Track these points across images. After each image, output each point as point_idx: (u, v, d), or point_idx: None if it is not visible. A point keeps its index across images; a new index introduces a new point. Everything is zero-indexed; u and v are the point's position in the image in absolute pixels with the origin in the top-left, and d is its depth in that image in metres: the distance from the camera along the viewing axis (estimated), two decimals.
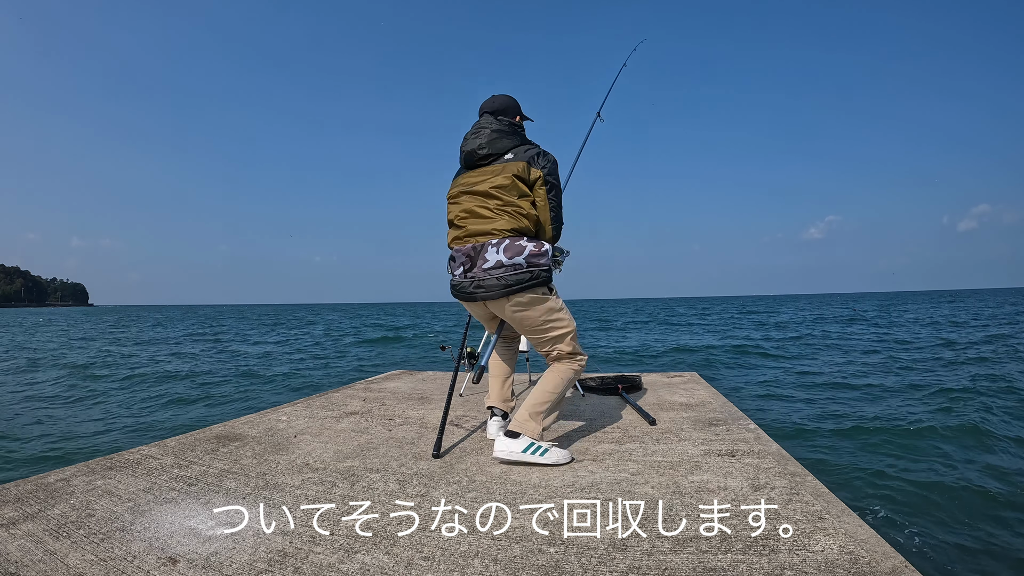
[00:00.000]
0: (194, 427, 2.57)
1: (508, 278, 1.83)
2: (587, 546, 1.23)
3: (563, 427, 2.34)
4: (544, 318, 1.92)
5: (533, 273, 1.84)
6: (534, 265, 1.84)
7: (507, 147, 1.93)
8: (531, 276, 1.84)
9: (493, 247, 1.84)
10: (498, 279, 1.83)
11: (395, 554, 1.22)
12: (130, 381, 9.12)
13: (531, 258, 1.83)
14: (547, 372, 1.99)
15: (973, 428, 4.68)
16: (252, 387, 8.51)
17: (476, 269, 1.87)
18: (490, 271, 1.84)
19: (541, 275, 1.85)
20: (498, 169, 1.89)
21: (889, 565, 1.10)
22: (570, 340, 1.98)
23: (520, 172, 1.87)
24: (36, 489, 1.65)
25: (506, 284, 1.83)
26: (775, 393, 6.90)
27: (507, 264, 1.83)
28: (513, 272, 1.83)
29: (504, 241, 1.83)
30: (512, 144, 1.93)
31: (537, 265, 1.85)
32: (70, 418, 6.33)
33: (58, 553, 1.22)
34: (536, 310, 1.90)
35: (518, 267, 1.83)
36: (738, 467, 1.75)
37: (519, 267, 1.83)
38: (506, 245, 1.83)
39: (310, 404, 2.99)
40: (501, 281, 1.83)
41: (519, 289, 1.84)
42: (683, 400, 2.85)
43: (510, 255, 1.82)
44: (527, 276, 1.83)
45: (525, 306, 1.88)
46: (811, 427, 5.01)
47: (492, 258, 1.83)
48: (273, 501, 1.54)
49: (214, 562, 1.18)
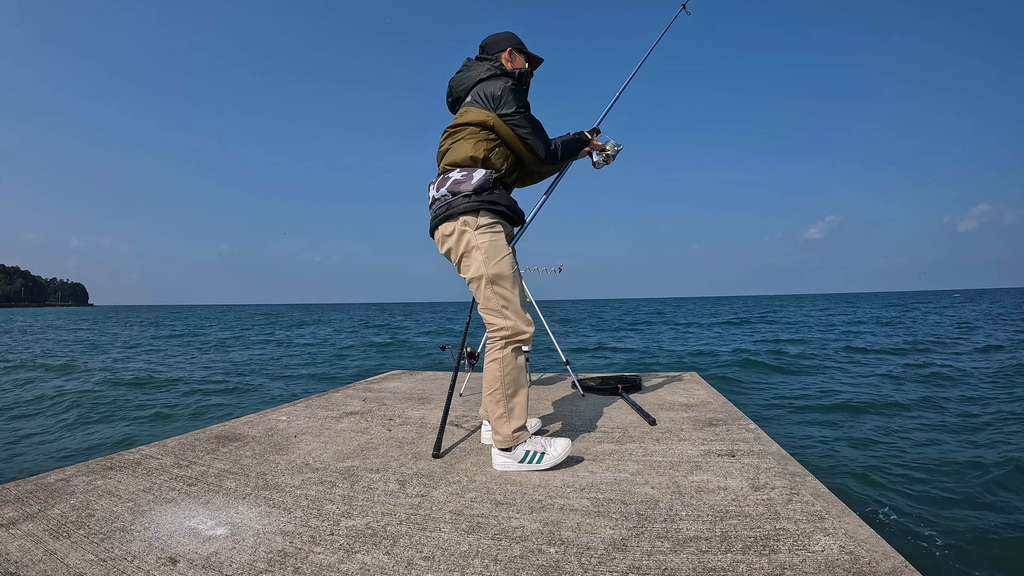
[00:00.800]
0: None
1: (436, 212, 1.85)
2: (587, 546, 1.23)
3: (563, 427, 2.34)
4: (459, 253, 1.81)
5: (454, 202, 1.78)
6: (456, 192, 1.79)
7: (469, 87, 1.92)
8: (450, 206, 1.79)
9: (432, 185, 1.88)
10: (433, 216, 1.86)
11: (395, 554, 1.22)
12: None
13: (453, 186, 1.79)
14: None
15: (975, 428, 4.68)
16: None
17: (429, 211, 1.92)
18: (431, 207, 1.89)
19: (460, 203, 1.77)
20: (459, 117, 1.89)
21: (889, 565, 1.10)
22: (487, 289, 1.76)
23: (475, 118, 1.83)
24: (36, 489, 1.65)
25: (434, 218, 1.85)
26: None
27: (437, 198, 1.84)
28: (440, 205, 1.83)
29: (439, 178, 1.86)
30: (475, 81, 1.91)
31: (458, 192, 1.78)
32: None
33: (58, 553, 1.22)
34: (457, 245, 1.80)
35: (444, 199, 1.82)
36: (738, 467, 1.75)
37: (445, 198, 1.81)
38: (439, 181, 1.84)
39: (310, 404, 2.99)
40: (435, 216, 1.85)
41: (440, 220, 1.82)
42: (683, 400, 2.85)
43: (439, 188, 1.83)
44: (445, 208, 1.80)
45: (446, 240, 1.83)
46: (813, 426, 5.01)
47: (431, 196, 1.88)
48: (273, 501, 1.54)
49: (214, 562, 1.18)
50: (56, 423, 5.84)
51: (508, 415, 1.77)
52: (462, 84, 1.96)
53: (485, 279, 1.76)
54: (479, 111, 1.83)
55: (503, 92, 1.82)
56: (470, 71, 1.96)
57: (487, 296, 1.78)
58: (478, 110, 1.83)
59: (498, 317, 1.78)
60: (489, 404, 1.81)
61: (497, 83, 1.84)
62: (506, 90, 1.82)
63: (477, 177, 1.78)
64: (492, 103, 1.82)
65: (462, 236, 1.79)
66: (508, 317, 1.78)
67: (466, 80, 1.95)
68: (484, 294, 1.78)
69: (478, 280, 1.78)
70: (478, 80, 1.91)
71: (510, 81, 1.87)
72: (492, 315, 1.79)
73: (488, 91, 1.83)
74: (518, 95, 1.84)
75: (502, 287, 1.78)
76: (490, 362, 1.81)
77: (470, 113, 1.85)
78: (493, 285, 1.77)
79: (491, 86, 1.84)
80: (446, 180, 1.81)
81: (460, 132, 1.86)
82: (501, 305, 1.78)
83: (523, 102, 1.86)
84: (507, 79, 1.87)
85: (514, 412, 1.78)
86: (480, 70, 1.93)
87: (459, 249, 1.81)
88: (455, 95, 1.99)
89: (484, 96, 1.83)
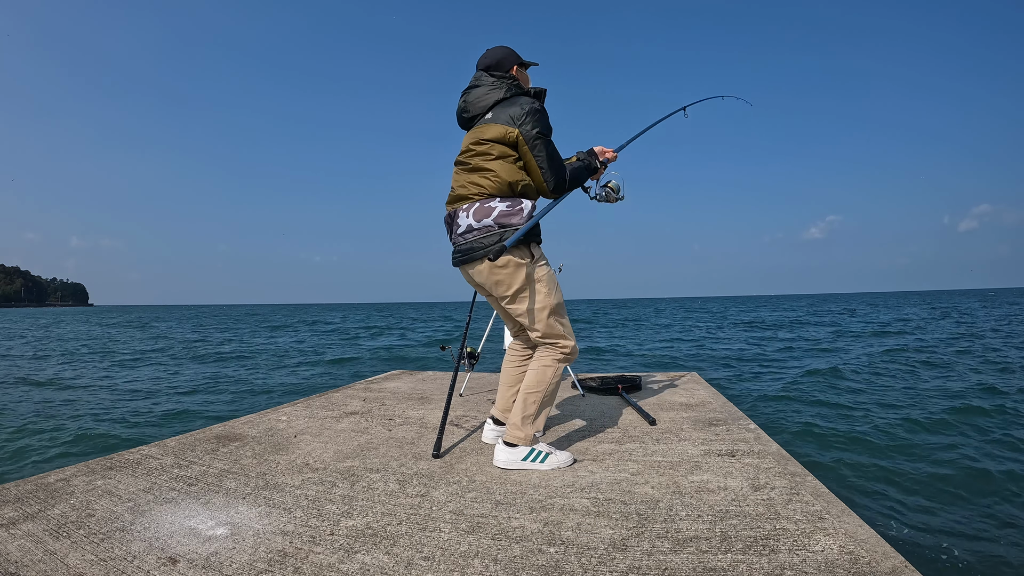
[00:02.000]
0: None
1: (477, 241, 1.78)
2: (587, 546, 1.23)
3: (563, 427, 2.35)
4: (516, 287, 1.81)
5: (505, 235, 1.75)
6: (505, 225, 1.76)
7: (488, 105, 1.87)
8: (501, 238, 1.75)
9: (464, 211, 1.81)
10: (470, 244, 1.80)
11: (395, 554, 1.22)
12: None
13: (501, 218, 1.76)
14: (529, 368, 1.90)
15: (978, 428, 4.68)
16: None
17: (454, 236, 1.85)
18: (463, 236, 1.82)
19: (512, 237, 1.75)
20: (478, 132, 1.85)
21: (889, 565, 1.10)
22: (550, 318, 1.84)
23: (498, 136, 1.80)
24: (36, 489, 1.65)
25: (476, 248, 1.78)
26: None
27: (476, 227, 1.78)
28: (482, 235, 1.78)
29: (474, 204, 1.79)
30: (494, 100, 1.87)
31: (508, 225, 1.76)
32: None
33: (58, 553, 1.22)
34: (511, 278, 1.80)
35: (487, 229, 1.77)
36: (738, 467, 1.75)
37: (489, 229, 1.77)
38: (475, 208, 1.78)
39: (310, 404, 2.99)
40: (473, 245, 1.79)
41: (486, 253, 1.77)
42: (683, 400, 2.85)
43: (479, 218, 1.77)
44: (496, 238, 1.76)
45: (497, 273, 1.80)
46: (819, 427, 5.01)
47: (463, 223, 1.81)
48: (273, 501, 1.54)
49: (214, 562, 1.18)
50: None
51: (534, 417, 1.83)
52: (481, 101, 1.89)
53: (549, 309, 1.83)
54: (501, 127, 1.80)
55: (527, 113, 1.80)
56: (490, 89, 1.89)
57: (551, 324, 1.85)
58: (500, 126, 1.80)
59: (562, 339, 1.88)
60: (520, 402, 1.84)
61: (523, 103, 1.82)
62: (531, 111, 1.80)
63: (526, 210, 1.77)
64: (515, 122, 1.80)
65: (519, 270, 1.79)
66: (570, 338, 1.89)
67: (486, 98, 1.89)
68: (548, 323, 1.85)
69: (542, 311, 1.83)
70: (500, 100, 1.87)
71: (536, 102, 1.85)
72: (557, 338, 1.87)
73: (511, 112, 1.81)
74: (542, 118, 1.83)
75: (562, 314, 1.89)
76: (542, 366, 1.86)
77: (493, 129, 1.81)
78: (555, 315, 1.85)
79: (515, 106, 1.81)
80: (490, 210, 1.76)
81: (488, 151, 1.82)
82: (564, 331, 1.88)
83: (547, 127, 1.83)
84: (532, 100, 1.85)
85: (540, 417, 1.85)
86: (499, 88, 1.88)
87: (514, 283, 1.80)
88: (473, 111, 1.92)
89: (508, 116, 1.81)
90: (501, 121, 1.81)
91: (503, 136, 1.79)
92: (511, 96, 1.87)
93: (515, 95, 1.87)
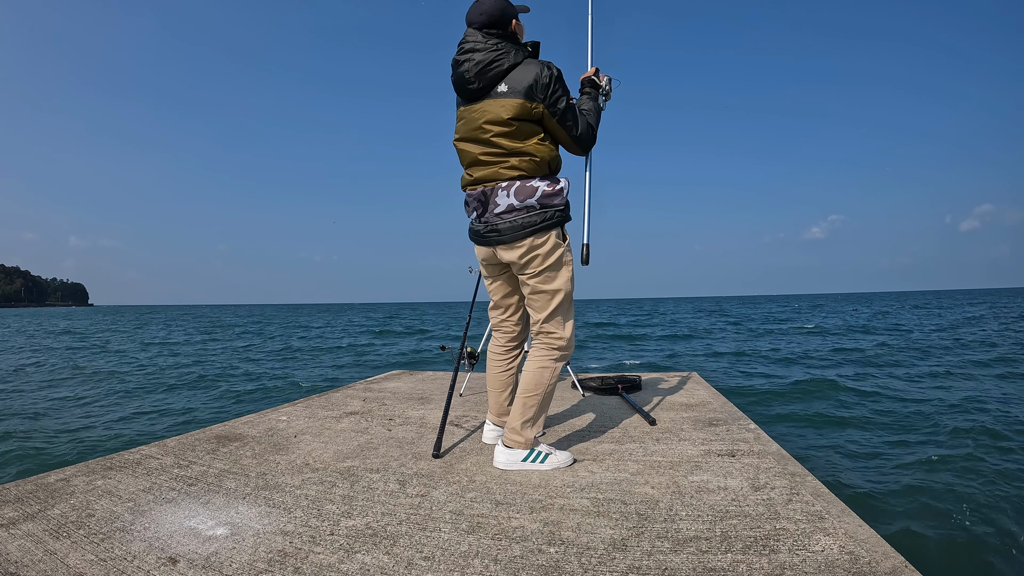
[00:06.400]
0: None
1: (519, 221, 1.73)
2: (587, 546, 1.23)
3: (563, 427, 2.35)
4: (548, 263, 1.77)
5: (547, 214, 1.74)
6: (547, 206, 1.74)
7: (500, 74, 1.72)
8: (543, 218, 1.73)
9: (503, 190, 1.74)
10: (511, 223, 1.74)
11: (395, 554, 1.22)
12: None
13: (544, 199, 1.73)
14: (525, 370, 1.86)
15: (981, 428, 4.67)
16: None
17: (488, 214, 1.79)
18: (502, 215, 1.75)
19: (556, 215, 1.76)
20: (493, 107, 1.72)
21: (889, 565, 1.10)
22: (561, 303, 1.81)
23: (519, 112, 1.69)
24: (36, 489, 1.65)
25: (519, 227, 1.73)
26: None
27: (519, 207, 1.73)
28: (526, 214, 1.74)
29: (515, 184, 1.73)
30: (506, 67, 1.72)
31: (551, 205, 1.74)
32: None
33: (58, 553, 1.22)
34: (546, 257, 1.76)
35: (531, 208, 1.74)
36: (738, 467, 1.75)
37: (532, 208, 1.74)
38: (516, 188, 1.73)
39: (310, 404, 2.99)
40: (514, 224, 1.74)
41: (531, 232, 1.73)
42: (683, 400, 2.85)
43: (522, 198, 1.72)
44: (538, 218, 1.73)
45: (536, 250, 1.75)
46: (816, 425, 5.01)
47: (503, 202, 1.74)
48: (273, 501, 1.54)
49: (214, 562, 1.18)
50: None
51: (534, 421, 1.81)
52: (490, 71, 1.72)
53: (564, 293, 1.80)
54: (520, 102, 1.69)
55: (549, 84, 1.70)
56: (496, 53, 1.72)
57: (558, 309, 1.81)
58: (519, 101, 1.69)
59: (562, 329, 1.83)
60: (518, 407, 1.81)
61: (542, 72, 1.70)
62: (555, 79, 1.71)
63: (566, 190, 1.76)
64: (539, 93, 1.69)
65: (555, 250, 1.76)
66: (568, 330, 1.84)
67: (494, 68, 1.72)
68: (561, 307, 1.81)
69: (559, 293, 1.79)
70: (512, 65, 1.73)
71: (553, 67, 1.72)
72: (557, 326, 1.82)
73: (529, 81, 1.69)
74: (565, 86, 1.75)
75: (570, 303, 1.85)
76: (539, 368, 1.82)
77: (511, 105, 1.70)
78: (566, 301, 1.82)
79: (533, 75, 1.69)
80: (533, 190, 1.72)
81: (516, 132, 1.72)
82: (564, 320, 1.83)
83: (567, 91, 1.76)
84: (546, 65, 1.72)
85: (539, 419, 1.83)
86: (506, 52, 1.73)
87: (547, 263, 1.76)
88: (483, 81, 1.73)
89: (527, 88, 1.69)
90: (519, 95, 1.69)
91: (527, 113, 1.71)
92: (525, 61, 1.74)
93: (527, 62, 1.74)
